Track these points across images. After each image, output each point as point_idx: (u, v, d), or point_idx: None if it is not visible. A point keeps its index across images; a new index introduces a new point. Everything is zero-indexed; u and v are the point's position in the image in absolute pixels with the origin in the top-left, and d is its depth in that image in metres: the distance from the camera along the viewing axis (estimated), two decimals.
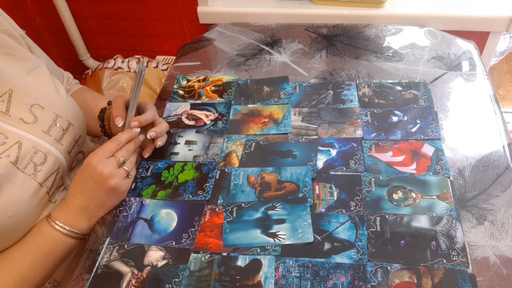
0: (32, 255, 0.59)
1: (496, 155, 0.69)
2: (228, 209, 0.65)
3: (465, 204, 0.63)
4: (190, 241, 0.62)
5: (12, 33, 0.66)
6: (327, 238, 0.60)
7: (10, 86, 0.61)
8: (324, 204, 0.65)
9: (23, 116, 0.61)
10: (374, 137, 0.74)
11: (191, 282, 0.57)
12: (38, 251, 0.60)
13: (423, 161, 0.69)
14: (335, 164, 0.70)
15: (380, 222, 0.61)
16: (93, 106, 0.79)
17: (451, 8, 1.08)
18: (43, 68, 0.69)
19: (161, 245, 0.62)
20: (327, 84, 0.87)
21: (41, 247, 0.60)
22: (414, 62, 0.91)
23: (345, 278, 0.56)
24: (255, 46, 1.02)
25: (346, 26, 1.05)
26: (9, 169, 0.57)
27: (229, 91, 0.88)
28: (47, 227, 0.61)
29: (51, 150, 0.63)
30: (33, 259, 0.59)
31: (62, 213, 0.62)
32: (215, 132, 0.79)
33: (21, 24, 0.70)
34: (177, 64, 0.99)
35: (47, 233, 0.61)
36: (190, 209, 0.66)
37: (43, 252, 0.60)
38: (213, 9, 1.22)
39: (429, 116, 0.77)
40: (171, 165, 0.73)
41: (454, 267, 0.55)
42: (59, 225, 0.61)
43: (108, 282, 0.58)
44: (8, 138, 0.58)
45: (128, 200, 0.68)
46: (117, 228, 0.65)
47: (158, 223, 0.65)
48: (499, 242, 0.58)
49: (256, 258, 0.59)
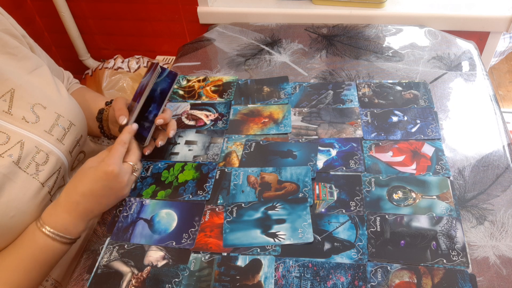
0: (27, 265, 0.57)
1: (496, 155, 0.69)
2: (228, 209, 0.65)
3: (465, 204, 0.63)
4: (190, 241, 0.62)
5: (13, 33, 0.66)
6: (327, 238, 0.60)
7: (12, 85, 0.61)
8: (324, 204, 0.65)
9: (25, 116, 0.61)
10: (374, 137, 0.74)
11: (191, 282, 0.57)
12: (34, 262, 0.57)
13: (423, 161, 0.69)
14: (335, 164, 0.70)
15: (380, 222, 0.61)
16: (93, 107, 0.79)
17: (451, 8, 1.08)
18: (44, 67, 0.69)
19: (161, 245, 0.62)
20: (327, 84, 0.87)
21: (37, 258, 0.57)
22: (414, 62, 0.91)
23: (345, 278, 0.56)
24: (255, 46, 1.02)
25: (346, 26, 1.05)
26: (11, 168, 0.56)
27: (229, 91, 0.88)
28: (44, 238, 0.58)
29: (53, 150, 0.63)
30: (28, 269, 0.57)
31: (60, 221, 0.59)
32: (215, 132, 0.79)
33: (21, 24, 0.70)
34: (177, 64, 0.99)
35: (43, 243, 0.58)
36: (190, 209, 0.66)
37: (39, 262, 0.58)
38: (213, 9, 1.22)
39: (429, 116, 0.77)
40: (171, 165, 0.74)
41: (454, 267, 0.55)
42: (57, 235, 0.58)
43: (108, 282, 0.58)
44: (10, 137, 0.58)
45: (128, 201, 0.68)
46: (117, 228, 0.65)
47: (158, 223, 0.65)
48: (499, 242, 0.58)
49: (256, 258, 0.59)
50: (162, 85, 0.69)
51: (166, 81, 0.69)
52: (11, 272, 0.56)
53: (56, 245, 0.59)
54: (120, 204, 0.68)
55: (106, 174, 0.60)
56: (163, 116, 0.68)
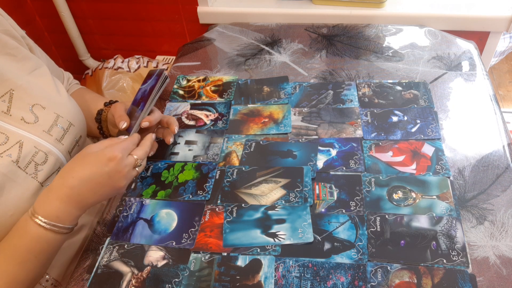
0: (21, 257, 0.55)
1: (496, 155, 0.69)
2: (228, 209, 0.65)
3: (465, 204, 0.63)
4: (190, 241, 0.62)
5: (13, 34, 0.66)
6: (327, 238, 0.60)
7: (11, 86, 0.61)
8: (324, 204, 0.65)
9: (24, 116, 0.61)
10: (374, 137, 0.74)
11: (191, 282, 0.57)
12: (28, 253, 0.55)
13: (423, 161, 0.69)
14: (335, 164, 0.70)
15: (380, 222, 0.61)
16: (93, 107, 0.79)
17: (451, 8, 1.08)
18: (44, 68, 0.69)
19: (162, 245, 0.62)
20: (327, 84, 0.87)
21: (30, 249, 0.55)
22: (414, 62, 0.91)
23: (345, 278, 0.56)
24: (255, 46, 1.02)
25: (346, 26, 1.05)
26: (10, 168, 0.57)
27: (229, 91, 0.88)
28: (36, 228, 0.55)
29: (52, 150, 0.63)
30: (23, 261, 0.55)
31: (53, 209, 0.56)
32: (215, 132, 0.79)
33: (21, 24, 0.70)
34: (177, 64, 0.99)
35: (35, 234, 0.55)
36: (190, 209, 0.66)
37: (33, 254, 0.56)
38: (213, 9, 1.22)
39: (429, 116, 0.77)
40: (171, 165, 0.74)
41: (454, 267, 0.55)
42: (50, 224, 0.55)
43: (108, 282, 0.58)
44: (9, 138, 0.59)
45: (128, 200, 0.68)
46: (117, 228, 0.65)
47: (158, 223, 0.65)
48: (499, 242, 0.58)
49: (256, 258, 0.59)
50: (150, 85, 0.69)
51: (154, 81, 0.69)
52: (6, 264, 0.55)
53: (49, 235, 0.56)
54: (120, 204, 0.68)
55: (108, 160, 0.57)
56: (149, 118, 0.67)
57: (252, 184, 0.68)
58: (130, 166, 0.61)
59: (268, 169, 0.70)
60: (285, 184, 0.67)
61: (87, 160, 0.58)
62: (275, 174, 0.69)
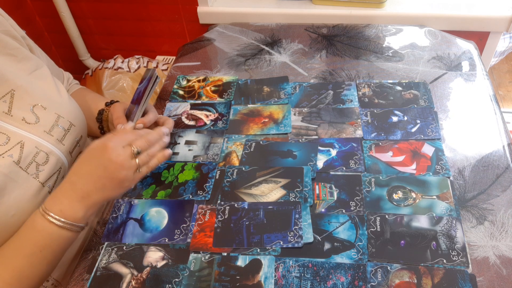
0: (27, 250, 0.56)
1: (496, 155, 0.69)
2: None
3: (465, 204, 0.63)
4: (183, 236, 0.62)
5: (13, 34, 0.66)
6: (327, 238, 0.60)
7: (12, 86, 0.61)
8: (324, 204, 0.65)
9: (25, 117, 0.61)
10: (374, 137, 0.74)
11: (191, 282, 0.57)
12: (33, 246, 0.56)
13: (423, 161, 0.69)
14: (335, 164, 0.70)
15: (380, 222, 0.61)
16: (93, 107, 0.79)
17: (451, 8, 1.08)
18: (44, 68, 0.69)
19: (155, 242, 0.62)
20: (327, 84, 0.87)
21: (35, 242, 0.56)
22: (414, 62, 0.91)
23: (345, 278, 0.56)
24: (255, 46, 1.02)
25: (346, 26, 1.05)
26: (12, 168, 0.57)
27: (229, 91, 0.88)
28: (41, 220, 0.56)
29: (53, 150, 0.63)
30: (28, 254, 0.56)
31: (57, 204, 0.57)
32: (215, 132, 0.79)
33: (21, 24, 0.70)
34: (177, 64, 0.99)
35: (40, 226, 0.56)
36: (179, 206, 0.66)
37: (38, 247, 0.57)
38: (213, 9, 1.22)
39: (429, 116, 0.77)
40: (171, 165, 0.74)
41: (454, 267, 0.55)
42: (53, 217, 0.56)
43: (108, 284, 0.58)
44: (11, 138, 0.59)
45: (116, 202, 0.68)
46: (107, 230, 0.65)
47: (149, 221, 0.65)
48: (499, 242, 0.58)
49: (256, 258, 0.59)
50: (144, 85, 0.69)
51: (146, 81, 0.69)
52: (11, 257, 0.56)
53: (54, 229, 0.56)
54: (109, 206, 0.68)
55: (99, 150, 0.58)
56: (143, 120, 0.67)
57: (252, 184, 0.68)
58: (125, 156, 0.59)
59: (268, 169, 0.70)
60: (285, 184, 0.67)
61: (84, 155, 0.60)
62: (275, 174, 0.69)
